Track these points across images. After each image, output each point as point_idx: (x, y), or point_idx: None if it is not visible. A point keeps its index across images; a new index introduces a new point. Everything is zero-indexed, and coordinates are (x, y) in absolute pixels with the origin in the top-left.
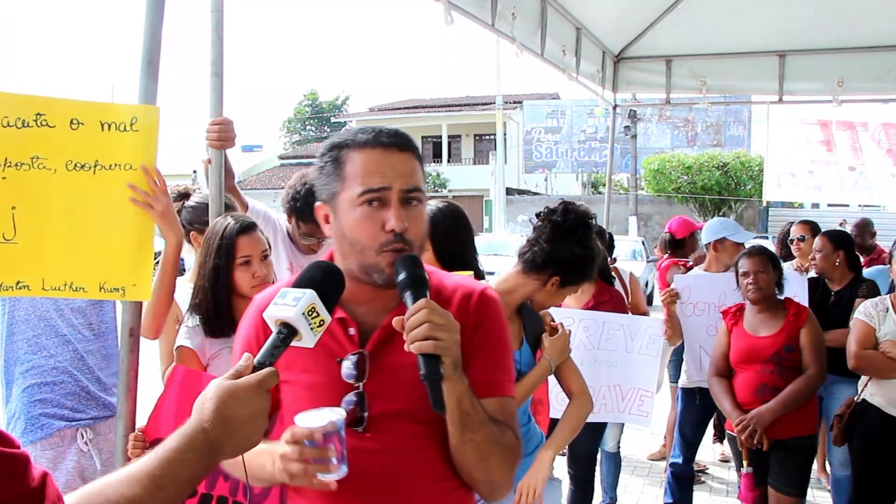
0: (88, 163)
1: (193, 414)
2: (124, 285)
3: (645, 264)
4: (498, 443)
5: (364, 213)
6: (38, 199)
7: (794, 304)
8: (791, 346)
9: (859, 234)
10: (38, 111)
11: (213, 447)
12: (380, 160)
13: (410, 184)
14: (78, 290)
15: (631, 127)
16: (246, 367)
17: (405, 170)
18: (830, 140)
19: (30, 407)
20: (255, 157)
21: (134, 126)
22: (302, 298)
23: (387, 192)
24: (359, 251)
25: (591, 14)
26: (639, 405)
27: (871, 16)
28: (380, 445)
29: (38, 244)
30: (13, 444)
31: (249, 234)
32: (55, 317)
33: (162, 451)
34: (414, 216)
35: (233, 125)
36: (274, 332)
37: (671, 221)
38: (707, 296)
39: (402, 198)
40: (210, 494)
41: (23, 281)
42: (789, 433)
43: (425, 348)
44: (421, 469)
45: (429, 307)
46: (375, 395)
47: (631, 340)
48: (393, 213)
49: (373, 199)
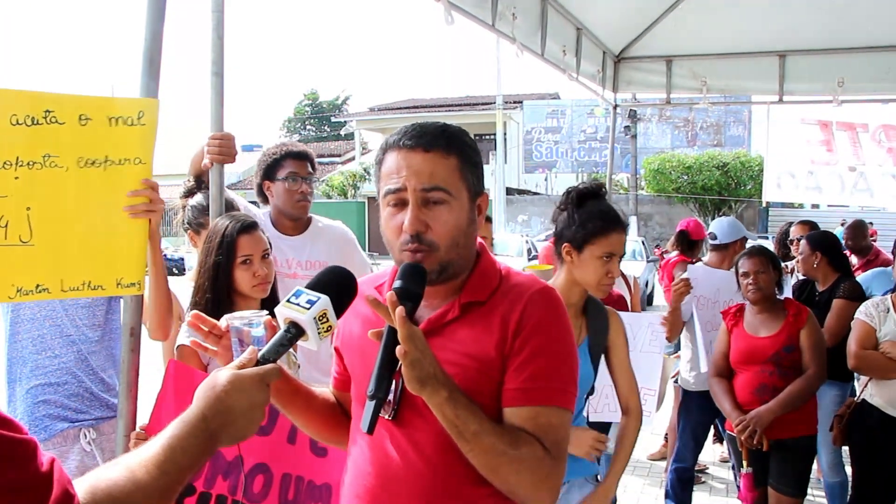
0: (98, 159)
1: (195, 401)
2: (139, 279)
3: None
4: (504, 454)
5: (388, 213)
6: (51, 199)
7: (794, 304)
8: (791, 346)
9: (853, 236)
10: (47, 108)
11: (212, 435)
12: (399, 161)
13: (427, 183)
14: (96, 289)
15: (631, 127)
16: (250, 360)
17: (423, 169)
18: (830, 140)
19: (33, 408)
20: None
21: (141, 120)
22: (316, 303)
23: (404, 194)
24: (391, 249)
25: (591, 14)
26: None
27: (871, 16)
28: (412, 438)
29: (54, 245)
30: (20, 431)
31: (250, 233)
32: (62, 316)
33: (164, 437)
34: (435, 216)
35: (234, 141)
36: (282, 329)
37: (687, 221)
38: (707, 290)
39: (421, 198)
40: (209, 493)
41: (42, 284)
42: (789, 433)
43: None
44: (452, 469)
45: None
46: None
47: (633, 338)
48: (407, 215)
49: (394, 200)
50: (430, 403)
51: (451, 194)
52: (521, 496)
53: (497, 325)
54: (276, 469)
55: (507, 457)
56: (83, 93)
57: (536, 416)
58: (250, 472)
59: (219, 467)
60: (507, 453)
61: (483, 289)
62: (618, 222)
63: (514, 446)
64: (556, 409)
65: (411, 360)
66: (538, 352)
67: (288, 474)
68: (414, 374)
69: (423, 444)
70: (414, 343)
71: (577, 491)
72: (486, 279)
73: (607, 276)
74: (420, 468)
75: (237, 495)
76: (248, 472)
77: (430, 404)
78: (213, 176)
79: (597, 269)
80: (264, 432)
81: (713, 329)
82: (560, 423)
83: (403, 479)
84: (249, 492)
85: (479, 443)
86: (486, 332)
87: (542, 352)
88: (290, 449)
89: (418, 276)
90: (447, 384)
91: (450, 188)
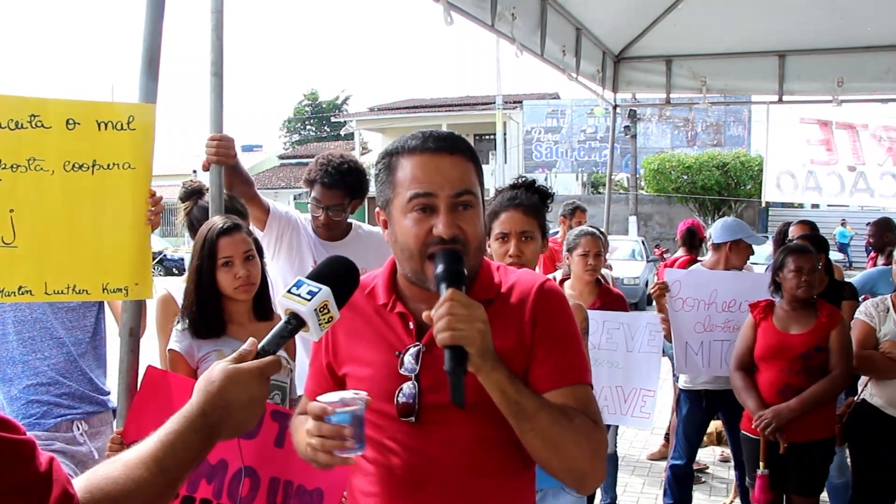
0: (86, 163)
1: (194, 395)
2: (127, 285)
3: (645, 264)
4: (565, 427)
5: (414, 219)
6: (36, 202)
7: (826, 305)
8: (821, 346)
9: (877, 233)
10: (32, 112)
11: (212, 429)
12: (427, 165)
13: (459, 187)
14: (81, 293)
15: (631, 127)
16: (249, 353)
17: (453, 175)
18: (830, 139)
19: (26, 406)
20: (255, 156)
21: (131, 125)
22: (317, 294)
23: (434, 199)
24: (408, 257)
25: (591, 14)
26: (641, 406)
27: (871, 16)
28: (435, 438)
29: (38, 247)
30: (19, 431)
31: (231, 235)
32: (51, 318)
33: (164, 433)
34: (466, 219)
35: (233, 142)
36: (282, 321)
37: (688, 221)
38: (697, 292)
39: (451, 203)
40: (192, 497)
41: (25, 286)
42: (809, 436)
43: (445, 340)
44: (477, 464)
45: (452, 299)
46: (430, 387)
47: (631, 339)
48: (441, 220)
49: (422, 205)
50: (488, 381)
51: (477, 198)
52: (581, 470)
53: (512, 319)
54: (264, 473)
55: (568, 430)
56: (82, 94)
57: (574, 393)
58: (235, 475)
59: (202, 471)
60: (567, 426)
61: (490, 287)
62: (511, 202)
63: (570, 419)
64: (587, 385)
65: (480, 330)
66: (560, 337)
67: (276, 478)
68: (483, 345)
69: (447, 444)
70: (480, 315)
71: (551, 499)
72: (490, 278)
73: (507, 256)
74: (448, 468)
75: (222, 499)
76: (233, 475)
77: (489, 382)
78: (213, 177)
79: (497, 251)
80: (250, 435)
81: (706, 330)
82: (593, 397)
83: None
84: (235, 495)
85: (542, 418)
86: (504, 326)
87: (563, 337)
88: (277, 452)
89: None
90: (503, 364)
91: (474, 192)
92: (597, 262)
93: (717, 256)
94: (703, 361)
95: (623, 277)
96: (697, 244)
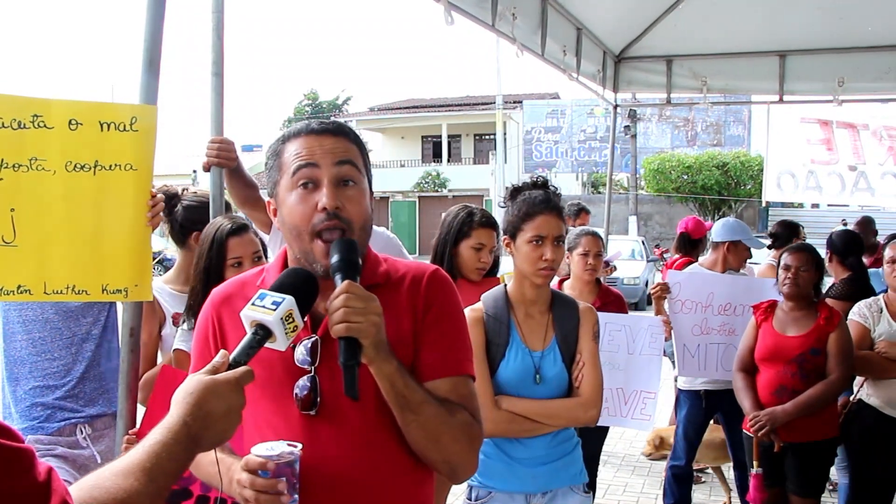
0: (88, 163)
1: (174, 407)
2: (126, 286)
3: (645, 264)
4: (446, 422)
5: (298, 195)
6: (37, 201)
7: (827, 307)
8: (818, 349)
9: (861, 232)
10: (34, 112)
11: (193, 440)
12: (311, 142)
13: (342, 157)
14: (80, 293)
15: (631, 126)
16: (222, 364)
17: (336, 148)
18: (831, 139)
19: (31, 408)
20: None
21: (134, 126)
22: (281, 304)
23: (317, 171)
24: (296, 236)
25: (591, 14)
26: (641, 408)
27: (871, 16)
28: (336, 432)
29: (38, 247)
30: (18, 439)
31: (240, 235)
32: (61, 319)
33: (149, 444)
34: (349, 196)
35: (234, 145)
36: (249, 333)
37: (686, 221)
38: (695, 294)
39: (335, 176)
40: (207, 496)
41: (24, 285)
42: (809, 437)
43: (340, 332)
44: (379, 459)
45: (348, 291)
46: (328, 379)
47: (633, 341)
48: (325, 192)
49: (306, 178)
50: (379, 373)
51: (360, 173)
52: (456, 463)
53: (405, 304)
54: None
55: (448, 424)
56: (83, 93)
57: (456, 386)
58: None
59: None
60: (449, 421)
61: (376, 273)
62: (546, 205)
63: (451, 414)
64: (469, 377)
65: (375, 322)
66: (448, 327)
67: None
68: (377, 338)
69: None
70: (376, 308)
71: (560, 499)
72: (375, 264)
73: (542, 260)
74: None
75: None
76: None
77: (380, 374)
78: (213, 178)
79: (529, 255)
80: None
81: (702, 333)
82: (474, 390)
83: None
84: None
85: (425, 412)
86: (395, 312)
87: (451, 327)
88: None
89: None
90: (394, 355)
91: (359, 167)
92: (596, 262)
93: (715, 255)
94: (700, 364)
95: (623, 277)
96: (691, 248)
